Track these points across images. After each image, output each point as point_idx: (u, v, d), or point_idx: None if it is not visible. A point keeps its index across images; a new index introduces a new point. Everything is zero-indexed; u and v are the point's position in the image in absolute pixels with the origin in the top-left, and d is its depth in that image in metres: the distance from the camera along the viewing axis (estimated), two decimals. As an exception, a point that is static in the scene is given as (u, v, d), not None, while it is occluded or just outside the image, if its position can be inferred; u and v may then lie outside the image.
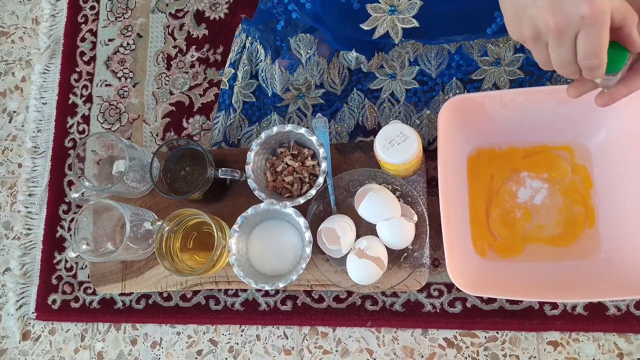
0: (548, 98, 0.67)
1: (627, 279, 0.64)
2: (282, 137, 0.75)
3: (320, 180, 0.70)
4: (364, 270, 0.66)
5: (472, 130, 0.72)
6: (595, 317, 0.69)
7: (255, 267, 0.73)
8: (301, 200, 0.70)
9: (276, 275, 0.72)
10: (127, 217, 0.68)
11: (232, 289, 0.79)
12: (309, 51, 0.76)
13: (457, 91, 0.77)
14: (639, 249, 0.64)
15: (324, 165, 0.70)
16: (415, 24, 0.71)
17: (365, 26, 0.72)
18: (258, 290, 0.78)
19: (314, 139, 0.71)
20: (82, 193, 0.77)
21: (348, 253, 0.68)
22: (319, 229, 0.70)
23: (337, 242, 0.68)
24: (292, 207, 0.70)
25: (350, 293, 0.76)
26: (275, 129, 0.72)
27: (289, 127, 0.72)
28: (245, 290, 0.79)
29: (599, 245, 0.69)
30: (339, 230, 0.67)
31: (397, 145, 0.65)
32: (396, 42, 0.74)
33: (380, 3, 0.70)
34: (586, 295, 0.65)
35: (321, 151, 0.71)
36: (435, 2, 0.69)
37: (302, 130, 0.71)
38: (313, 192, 0.70)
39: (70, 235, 0.76)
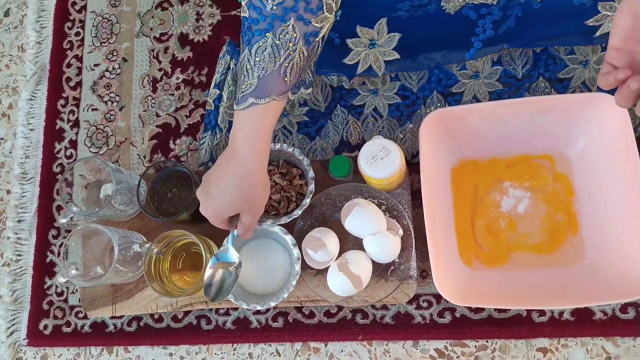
0: (526, 109, 0.68)
1: (611, 283, 0.65)
2: (271, 155, 0.75)
3: (307, 200, 0.71)
4: (340, 284, 0.67)
5: (454, 143, 0.73)
6: (582, 323, 0.70)
7: (245, 287, 0.74)
8: (286, 219, 0.71)
9: (266, 294, 0.73)
10: (115, 241, 0.68)
11: (223, 308, 0.79)
12: None
13: (439, 104, 0.78)
14: (622, 253, 0.65)
15: (311, 186, 0.71)
16: (397, 56, 0.73)
17: (348, 61, 0.74)
18: (249, 309, 0.78)
19: (303, 159, 0.72)
20: (71, 218, 0.77)
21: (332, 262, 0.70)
22: (303, 240, 0.71)
23: (322, 250, 0.69)
24: (276, 224, 0.71)
25: (340, 307, 0.76)
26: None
27: (278, 146, 0.73)
28: (236, 309, 0.79)
29: (583, 252, 0.70)
30: (324, 237, 0.68)
31: (380, 160, 0.66)
32: (379, 75, 0.76)
33: (360, 37, 0.72)
34: (572, 301, 0.66)
35: (310, 172, 0.72)
36: (412, 30, 0.72)
37: (292, 150, 0.72)
38: (299, 212, 0.71)
39: (60, 261, 0.76)
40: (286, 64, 0.55)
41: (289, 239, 0.70)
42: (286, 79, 0.56)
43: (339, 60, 0.74)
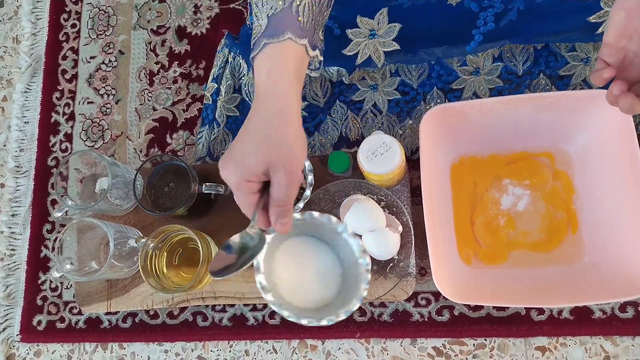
0: (527, 105, 0.68)
1: (611, 282, 0.65)
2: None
3: (308, 192, 0.70)
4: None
5: (453, 139, 0.73)
6: (581, 321, 0.70)
7: (286, 298, 0.60)
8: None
9: (319, 307, 0.62)
10: (111, 235, 0.67)
11: (219, 305, 0.78)
12: None
13: (438, 101, 0.77)
14: (622, 252, 0.65)
15: (310, 177, 0.70)
16: (397, 46, 0.73)
17: (347, 52, 0.73)
18: (246, 305, 0.78)
19: None
20: (66, 212, 0.76)
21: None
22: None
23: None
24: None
25: (338, 305, 0.75)
26: (259, 143, 0.72)
27: None
28: (232, 306, 0.78)
29: (583, 250, 0.70)
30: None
31: (380, 156, 0.65)
32: (379, 66, 0.75)
33: (359, 28, 0.71)
34: (571, 299, 0.65)
35: (307, 164, 0.71)
36: (413, 21, 0.71)
37: (287, 143, 0.71)
38: (301, 204, 0.70)
39: (54, 255, 0.75)
40: (298, 2, 0.51)
41: (342, 227, 0.60)
42: (300, 19, 0.51)
43: (338, 51, 0.73)
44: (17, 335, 0.84)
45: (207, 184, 0.71)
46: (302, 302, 0.61)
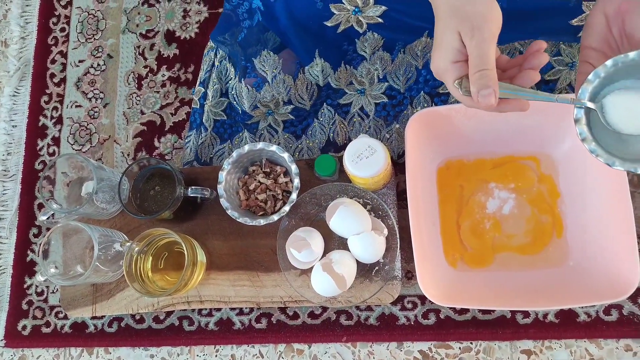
0: (512, 109, 0.68)
1: (595, 285, 0.65)
2: (254, 155, 0.75)
3: (294, 196, 0.70)
4: (324, 284, 0.66)
5: (440, 143, 0.73)
6: (566, 325, 0.70)
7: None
8: (275, 218, 0.70)
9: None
10: (95, 239, 0.67)
11: (205, 309, 0.78)
12: (274, 70, 0.77)
13: (425, 105, 0.78)
14: (606, 255, 0.65)
15: (296, 181, 0.71)
16: (380, 21, 0.72)
17: (329, 23, 0.72)
18: (232, 309, 0.77)
19: (285, 155, 0.71)
20: (52, 215, 0.76)
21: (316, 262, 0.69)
22: (287, 239, 0.70)
23: (306, 250, 0.68)
24: (266, 224, 0.70)
25: (325, 308, 0.75)
26: (246, 147, 0.72)
27: (260, 145, 0.72)
28: (219, 310, 0.78)
29: (568, 253, 0.70)
30: (308, 237, 0.68)
31: (365, 159, 0.65)
32: (361, 32, 0.74)
33: (344, 3, 0.71)
34: (557, 302, 0.66)
35: (293, 167, 0.71)
36: (398, 3, 0.70)
37: (274, 148, 0.71)
38: (287, 208, 0.70)
39: (39, 259, 0.74)
40: None
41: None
42: None
43: (320, 23, 0.73)
44: (1, 340, 0.84)
45: (193, 187, 0.71)
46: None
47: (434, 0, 0.52)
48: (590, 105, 0.50)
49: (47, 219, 0.76)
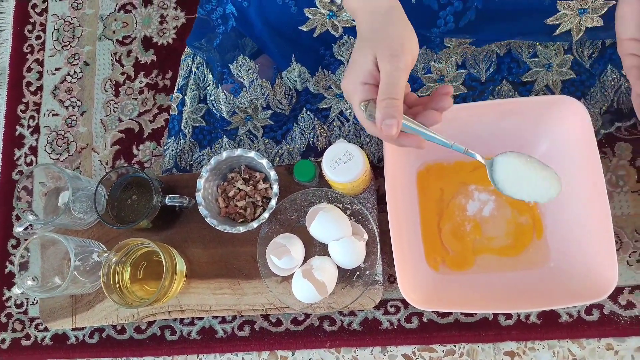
0: (490, 112, 0.68)
1: (576, 286, 0.65)
2: (232, 161, 0.74)
3: (273, 202, 0.70)
4: (304, 290, 0.66)
5: (419, 146, 0.73)
6: (548, 325, 0.70)
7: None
8: (254, 225, 0.70)
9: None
10: (72, 250, 0.66)
11: (187, 318, 0.77)
12: (251, 76, 0.76)
13: (404, 108, 0.77)
14: (586, 256, 0.66)
15: (275, 187, 0.70)
16: (354, 24, 0.72)
17: (304, 27, 0.72)
18: (215, 317, 0.76)
19: (264, 162, 0.70)
20: (30, 226, 0.74)
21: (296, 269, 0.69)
22: (267, 246, 0.70)
23: (287, 257, 0.68)
24: (246, 231, 0.69)
25: (307, 314, 0.75)
26: (224, 154, 0.71)
27: (238, 152, 0.71)
28: (201, 319, 0.77)
29: (548, 254, 0.70)
30: (288, 243, 0.67)
31: (343, 164, 0.65)
32: (337, 37, 0.74)
33: (318, 7, 0.70)
34: (538, 304, 0.65)
35: (272, 173, 0.70)
36: None
37: (252, 154, 0.71)
38: (266, 215, 0.69)
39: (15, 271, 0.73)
40: None
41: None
42: None
43: (294, 28, 0.72)
44: (-20, 354, 0.82)
45: (171, 196, 0.70)
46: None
47: (358, 22, 0.52)
48: (480, 159, 0.55)
49: (25, 229, 0.75)
